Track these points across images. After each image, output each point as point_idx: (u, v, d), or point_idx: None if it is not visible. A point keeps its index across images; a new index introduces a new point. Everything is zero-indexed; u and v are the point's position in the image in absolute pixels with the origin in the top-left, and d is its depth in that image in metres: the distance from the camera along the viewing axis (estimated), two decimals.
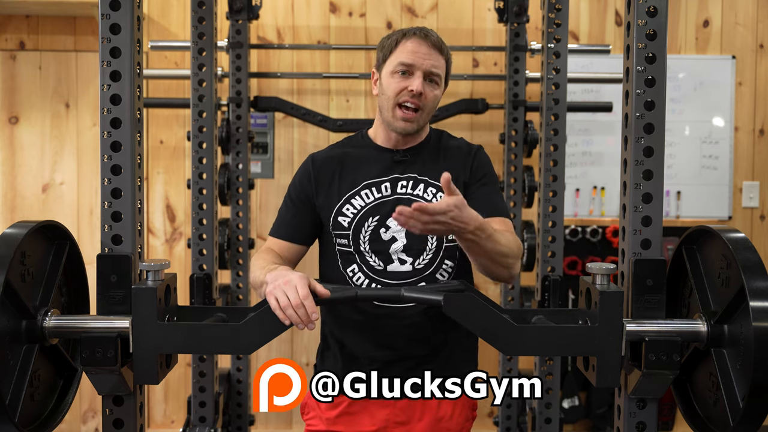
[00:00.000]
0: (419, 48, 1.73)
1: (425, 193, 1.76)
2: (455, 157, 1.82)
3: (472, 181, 1.79)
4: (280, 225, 1.83)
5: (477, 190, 1.79)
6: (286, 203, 1.85)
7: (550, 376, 2.89)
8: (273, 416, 3.85)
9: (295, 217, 1.81)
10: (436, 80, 1.75)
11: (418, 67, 1.72)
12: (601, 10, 3.82)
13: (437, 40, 1.75)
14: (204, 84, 2.87)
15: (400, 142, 1.81)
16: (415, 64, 1.72)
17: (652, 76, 1.41)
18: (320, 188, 1.79)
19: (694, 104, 3.82)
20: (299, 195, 1.82)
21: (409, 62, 1.72)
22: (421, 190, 1.77)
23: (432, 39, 1.74)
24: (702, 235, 1.43)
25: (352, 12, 3.76)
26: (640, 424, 1.45)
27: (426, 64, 1.72)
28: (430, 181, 1.78)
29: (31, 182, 3.79)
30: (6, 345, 1.27)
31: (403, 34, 1.76)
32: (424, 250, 1.75)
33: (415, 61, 1.72)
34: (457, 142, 1.87)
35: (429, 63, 1.72)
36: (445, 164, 1.79)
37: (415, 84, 1.71)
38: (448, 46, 1.79)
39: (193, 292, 2.81)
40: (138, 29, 1.44)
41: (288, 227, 1.81)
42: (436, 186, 1.77)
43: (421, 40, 1.73)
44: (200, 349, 1.70)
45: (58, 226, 1.41)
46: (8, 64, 3.75)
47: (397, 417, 1.79)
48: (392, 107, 1.75)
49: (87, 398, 3.82)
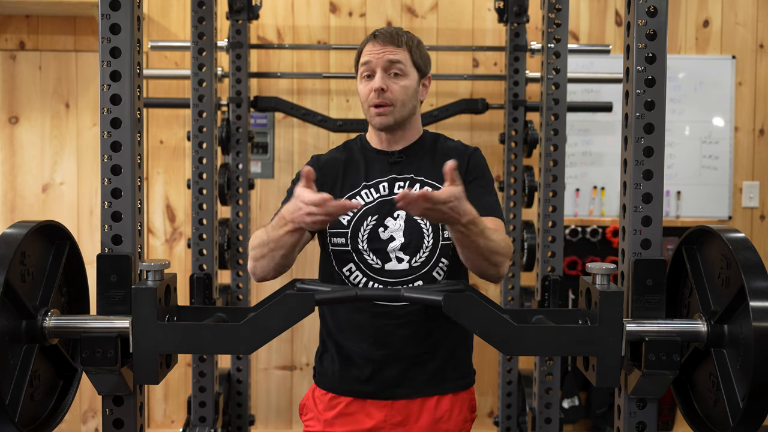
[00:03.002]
0: (373, 47, 1.78)
1: None
2: (452, 157, 1.82)
3: (467, 179, 1.80)
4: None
5: (471, 189, 1.79)
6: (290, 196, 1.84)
7: (550, 376, 2.89)
8: (273, 416, 3.85)
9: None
10: (399, 70, 1.77)
11: (375, 64, 1.77)
12: (601, 10, 3.82)
13: (390, 34, 1.79)
14: (204, 84, 2.87)
15: (392, 142, 1.83)
16: (371, 62, 1.77)
17: (652, 76, 1.41)
18: (324, 186, 1.80)
19: (694, 104, 3.82)
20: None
21: (366, 62, 1.78)
22: (417, 189, 1.77)
23: (383, 36, 1.78)
24: (702, 235, 1.43)
25: (352, 12, 3.76)
26: (640, 424, 1.45)
27: (382, 60, 1.76)
28: (426, 181, 1.79)
29: (31, 182, 3.79)
30: (6, 345, 1.27)
31: (364, 42, 1.82)
32: (420, 249, 1.75)
33: (371, 60, 1.77)
34: (453, 144, 1.88)
35: (384, 58, 1.76)
36: (441, 163, 1.79)
37: (375, 83, 1.76)
38: (412, 36, 1.82)
39: (193, 292, 2.81)
40: (138, 29, 1.44)
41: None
42: (433, 186, 1.78)
43: (375, 40, 1.79)
44: (200, 349, 1.70)
45: (58, 226, 1.41)
46: (8, 64, 3.75)
47: (394, 418, 1.79)
48: (367, 110, 1.80)
49: (87, 398, 3.82)
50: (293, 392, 3.84)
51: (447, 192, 1.49)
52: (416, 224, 1.76)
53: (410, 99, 1.80)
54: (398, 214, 1.76)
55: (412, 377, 1.79)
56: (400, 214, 1.76)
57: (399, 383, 1.78)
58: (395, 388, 1.78)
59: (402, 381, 1.78)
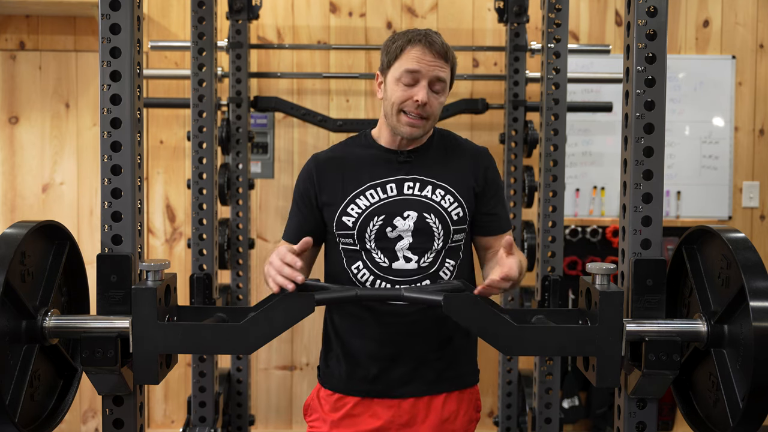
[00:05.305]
0: (424, 56, 1.70)
1: (434, 195, 1.77)
2: (463, 160, 1.83)
3: (486, 194, 1.82)
4: (290, 229, 1.85)
5: (492, 205, 1.83)
6: (293, 207, 1.86)
7: (550, 376, 2.89)
8: (273, 416, 3.85)
9: (303, 221, 1.83)
10: (440, 88, 1.73)
11: (423, 75, 1.70)
12: (601, 10, 3.82)
13: (442, 47, 1.73)
14: (204, 84, 2.87)
15: (404, 144, 1.81)
16: (420, 72, 1.70)
17: (652, 76, 1.41)
18: (323, 188, 1.80)
19: (694, 104, 3.82)
20: (303, 199, 1.83)
21: (414, 70, 1.70)
22: (429, 191, 1.77)
23: (437, 46, 1.71)
24: (702, 235, 1.43)
25: (352, 12, 3.76)
26: (640, 424, 1.45)
27: (431, 73, 1.70)
28: (438, 183, 1.78)
29: (31, 182, 3.79)
30: (6, 345, 1.27)
31: (408, 40, 1.72)
32: (429, 249, 1.76)
33: (420, 69, 1.70)
34: (463, 144, 1.87)
35: (434, 72, 1.71)
36: (452, 167, 1.80)
37: (420, 95, 1.69)
38: (453, 53, 1.77)
39: (193, 292, 2.81)
40: (138, 29, 1.44)
41: (297, 231, 1.82)
42: (444, 188, 1.78)
43: (426, 48, 1.70)
44: (200, 349, 1.70)
45: (58, 226, 1.41)
46: (8, 64, 3.75)
47: (401, 419, 1.79)
48: (396, 113, 1.73)
49: (87, 398, 3.82)
50: (293, 392, 3.84)
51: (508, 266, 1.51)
52: (427, 225, 1.75)
53: (440, 113, 1.79)
54: (408, 214, 1.75)
55: (419, 375, 1.79)
56: (410, 214, 1.75)
57: (407, 382, 1.78)
58: (403, 386, 1.78)
59: (410, 380, 1.78)
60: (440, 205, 1.76)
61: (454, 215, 1.76)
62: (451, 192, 1.77)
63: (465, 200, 1.78)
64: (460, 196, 1.78)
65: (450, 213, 1.76)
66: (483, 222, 1.82)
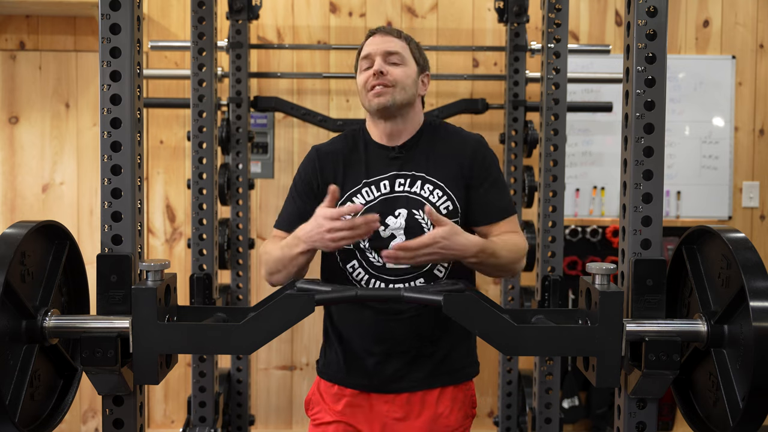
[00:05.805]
0: (374, 41, 1.84)
1: (422, 190, 1.77)
2: (453, 151, 1.82)
3: (476, 183, 1.80)
4: (286, 217, 1.85)
5: (482, 193, 1.80)
6: (292, 195, 1.86)
7: (550, 376, 2.89)
8: (273, 416, 3.85)
9: (301, 209, 1.82)
10: (397, 59, 1.80)
11: (374, 54, 1.81)
12: (601, 10, 3.82)
13: (393, 30, 1.86)
14: (204, 84, 2.87)
15: (392, 135, 1.82)
16: (371, 53, 1.81)
17: (652, 76, 1.41)
18: (325, 180, 1.81)
19: (694, 104, 3.82)
20: (304, 186, 1.84)
21: (366, 54, 1.82)
22: (418, 187, 1.78)
23: (386, 29, 1.85)
24: (702, 235, 1.43)
25: (352, 12, 3.76)
26: (640, 424, 1.45)
27: (381, 48, 1.80)
28: (427, 178, 1.79)
29: (31, 182, 3.79)
30: (6, 345, 1.27)
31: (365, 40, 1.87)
32: None
33: (370, 51, 1.81)
34: (453, 135, 1.86)
35: (383, 47, 1.80)
36: (440, 160, 1.80)
37: (375, 66, 1.79)
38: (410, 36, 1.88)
39: (193, 292, 2.81)
40: (138, 29, 1.44)
41: (294, 219, 1.80)
42: (432, 182, 1.78)
43: (377, 35, 1.84)
44: (200, 349, 1.70)
45: (58, 226, 1.41)
46: (8, 64, 3.75)
47: (395, 413, 1.80)
48: (365, 94, 1.81)
49: (87, 398, 3.82)
50: (293, 392, 3.84)
51: (429, 235, 1.57)
52: (417, 223, 1.76)
53: (410, 85, 1.80)
54: (399, 212, 1.76)
55: (414, 370, 1.79)
56: (401, 212, 1.76)
57: (402, 377, 1.79)
58: (398, 381, 1.79)
59: (404, 374, 1.79)
60: (428, 201, 1.76)
61: (442, 209, 1.76)
62: (439, 186, 1.77)
63: (454, 193, 1.78)
64: (449, 189, 1.77)
65: (438, 208, 1.76)
66: (475, 211, 1.80)
